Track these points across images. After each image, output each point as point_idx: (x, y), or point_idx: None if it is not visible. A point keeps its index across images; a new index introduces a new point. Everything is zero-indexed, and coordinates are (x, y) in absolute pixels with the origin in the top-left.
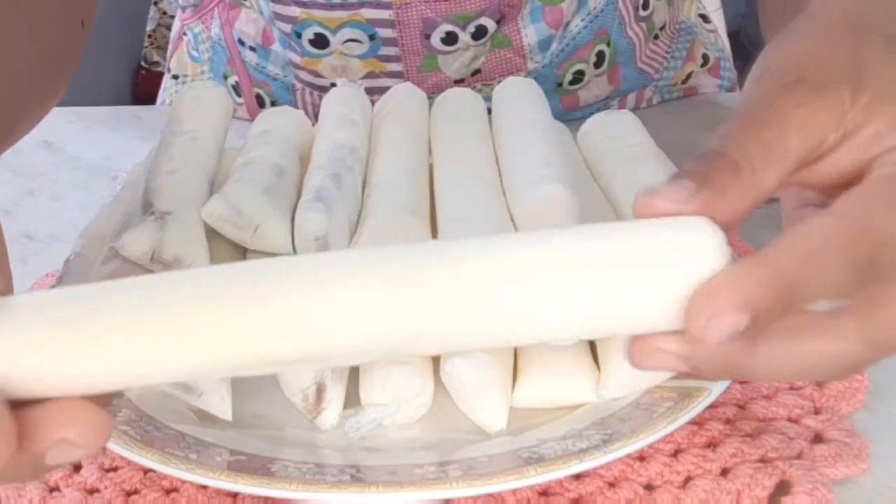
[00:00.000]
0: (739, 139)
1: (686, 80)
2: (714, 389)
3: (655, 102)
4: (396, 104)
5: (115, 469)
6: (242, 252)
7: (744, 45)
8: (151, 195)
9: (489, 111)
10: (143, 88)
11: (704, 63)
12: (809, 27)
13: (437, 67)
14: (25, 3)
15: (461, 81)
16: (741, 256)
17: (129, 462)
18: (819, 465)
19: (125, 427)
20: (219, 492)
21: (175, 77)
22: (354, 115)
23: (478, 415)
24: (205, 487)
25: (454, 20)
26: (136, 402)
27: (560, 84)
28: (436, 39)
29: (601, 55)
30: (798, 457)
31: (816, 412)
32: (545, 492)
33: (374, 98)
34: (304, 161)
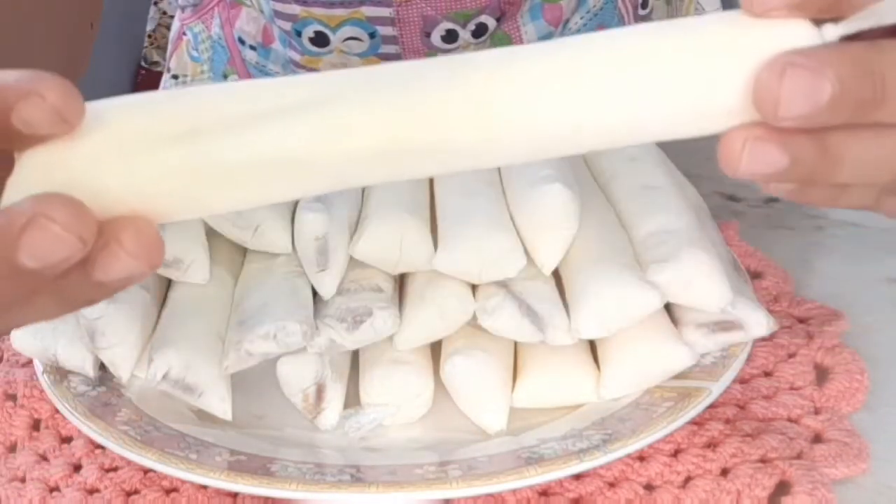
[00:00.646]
0: None
1: None
2: (714, 389)
3: None
4: None
5: (115, 469)
6: (242, 252)
7: None
8: None
9: None
10: (143, 88)
11: None
12: None
13: None
14: (47, 8)
15: None
16: (741, 257)
17: (129, 462)
18: (819, 465)
19: (125, 427)
20: (219, 492)
21: (175, 77)
22: None
23: (478, 415)
24: (205, 487)
25: (454, 18)
26: (137, 402)
27: None
28: (436, 37)
29: None
30: (798, 457)
31: (816, 412)
32: (545, 492)
33: None
34: None
